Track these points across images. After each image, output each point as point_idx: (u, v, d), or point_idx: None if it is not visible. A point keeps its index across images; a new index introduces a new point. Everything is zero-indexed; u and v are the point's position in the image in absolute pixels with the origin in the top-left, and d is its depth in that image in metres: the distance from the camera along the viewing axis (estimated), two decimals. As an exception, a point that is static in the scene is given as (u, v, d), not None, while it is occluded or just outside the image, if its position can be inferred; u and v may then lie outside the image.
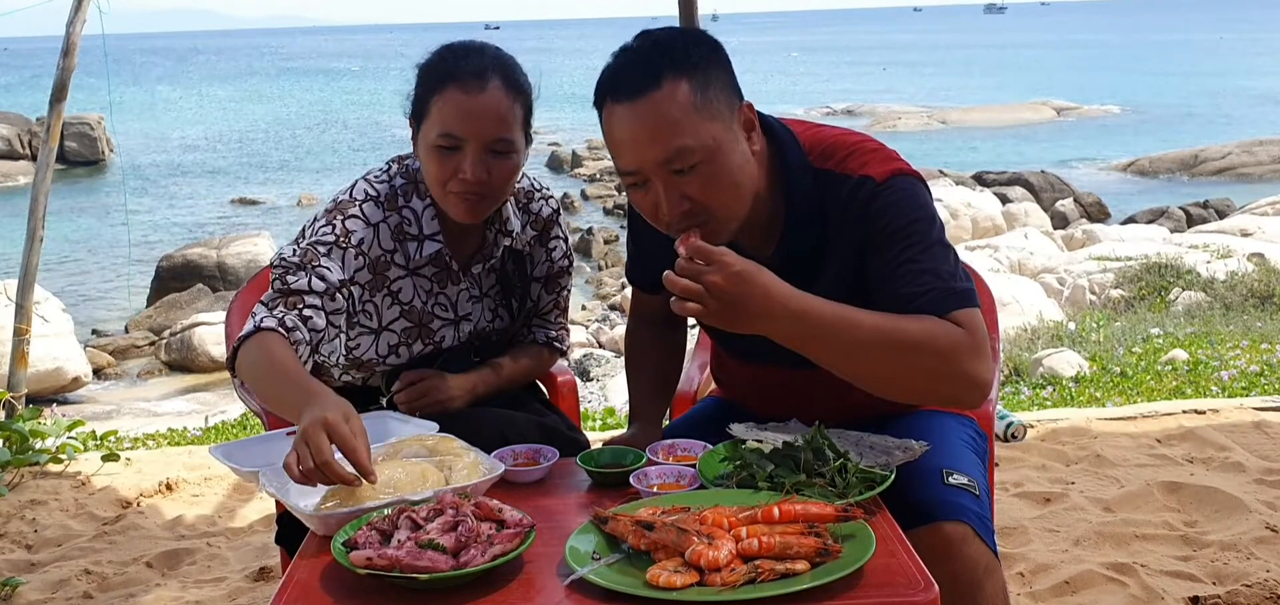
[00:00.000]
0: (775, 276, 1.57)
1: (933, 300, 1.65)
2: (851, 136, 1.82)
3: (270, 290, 1.95)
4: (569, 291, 2.33)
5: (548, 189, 2.25)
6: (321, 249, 1.96)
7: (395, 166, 2.09)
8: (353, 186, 2.05)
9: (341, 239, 1.98)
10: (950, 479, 1.69)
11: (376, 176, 2.06)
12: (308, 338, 1.91)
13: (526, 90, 2.01)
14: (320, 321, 1.92)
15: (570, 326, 2.38)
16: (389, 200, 2.04)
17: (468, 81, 1.92)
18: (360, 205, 2.02)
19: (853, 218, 1.74)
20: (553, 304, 2.30)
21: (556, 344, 2.32)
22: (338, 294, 1.96)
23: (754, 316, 1.56)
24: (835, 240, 1.77)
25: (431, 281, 2.11)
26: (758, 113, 1.79)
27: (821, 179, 1.78)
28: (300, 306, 1.91)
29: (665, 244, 1.81)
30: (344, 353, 2.06)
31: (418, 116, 1.99)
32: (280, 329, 1.87)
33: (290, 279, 1.93)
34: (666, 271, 1.56)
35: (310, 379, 1.76)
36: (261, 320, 1.88)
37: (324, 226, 1.99)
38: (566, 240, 2.28)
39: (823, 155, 1.79)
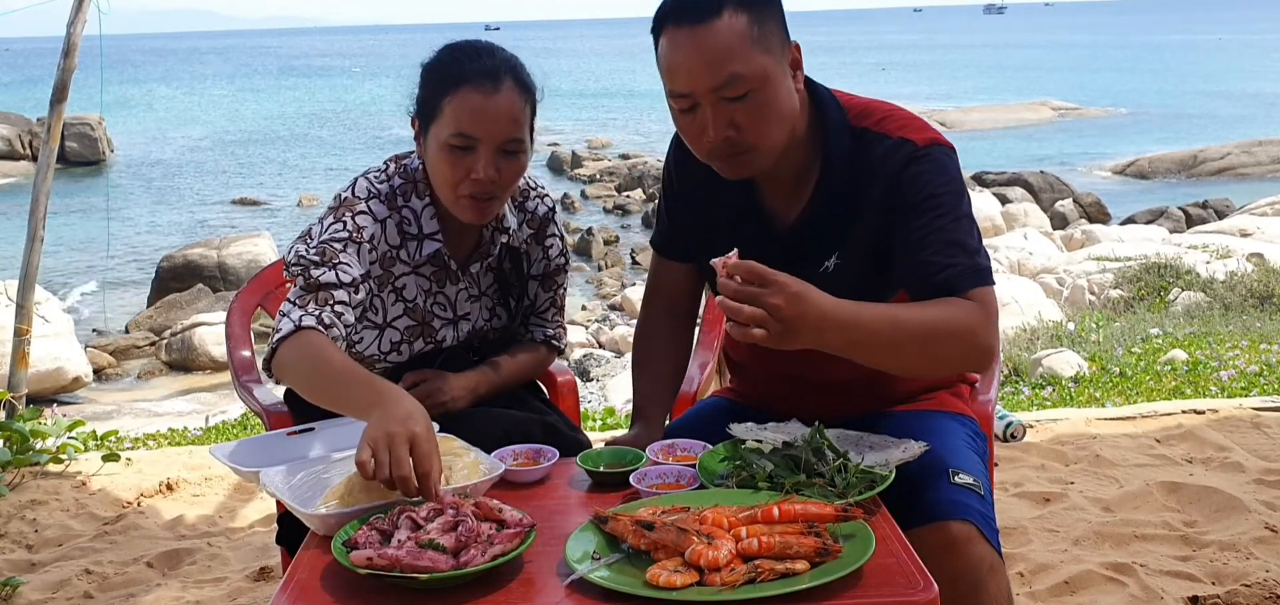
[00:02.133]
0: (823, 292, 1.58)
1: (955, 275, 1.71)
2: (887, 104, 1.89)
3: (295, 288, 1.94)
4: (565, 290, 2.33)
5: (543, 187, 2.26)
6: (338, 245, 1.96)
7: (393, 166, 2.10)
8: (354, 185, 2.05)
9: (355, 234, 1.98)
10: (957, 478, 1.70)
11: (377, 175, 2.07)
12: (342, 333, 1.91)
13: (534, 90, 2.02)
14: (350, 317, 1.93)
15: (567, 326, 2.38)
16: (391, 198, 2.05)
17: (482, 82, 1.93)
18: (367, 202, 2.02)
19: (886, 177, 1.79)
20: (549, 302, 2.30)
21: (554, 342, 2.32)
22: (361, 288, 1.97)
23: (808, 333, 1.57)
24: (865, 199, 1.81)
25: (431, 280, 2.12)
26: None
27: (857, 137, 1.83)
28: (331, 302, 1.91)
29: (700, 212, 1.94)
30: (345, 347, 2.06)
31: (426, 117, 1.99)
32: (319, 326, 1.87)
33: (315, 273, 1.92)
34: (721, 297, 1.56)
35: (378, 379, 1.74)
36: (300, 320, 1.87)
37: (334, 224, 1.98)
38: (562, 238, 2.28)
39: (860, 114, 1.85)
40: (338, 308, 1.91)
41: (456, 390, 2.07)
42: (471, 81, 1.93)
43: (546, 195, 2.25)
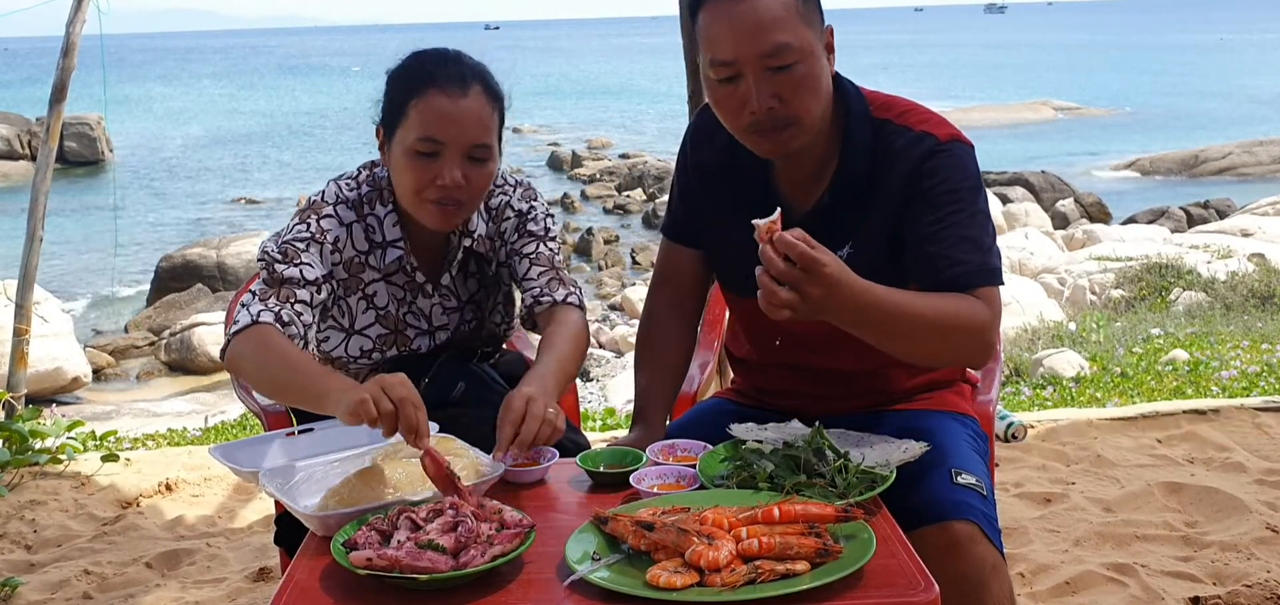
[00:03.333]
0: (852, 274, 1.58)
1: (964, 273, 1.74)
2: (909, 100, 1.90)
3: (259, 282, 1.96)
4: (556, 253, 2.16)
5: (506, 179, 2.15)
6: (300, 244, 1.97)
7: (364, 173, 2.09)
8: (324, 189, 2.06)
9: (318, 236, 1.99)
10: (959, 478, 1.71)
11: (347, 182, 2.07)
12: (301, 332, 1.92)
13: (502, 98, 2.00)
14: (309, 317, 1.94)
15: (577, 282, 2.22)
16: (358, 205, 2.05)
17: (449, 86, 1.91)
18: (334, 206, 2.03)
19: (906, 169, 1.80)
20: (541, 266, 2.11)
21: (568, 301, 2.11)
22: (323, 288, 1.97)
23: (831, 312, 1.59)
24: (883, 190, 1.82)
25: (403, 290, 2.11)
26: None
27: (878, 128, 1.84)
28: (292, 299, 1.92)
29: (714, 198, 1.97)
30: (314, 347, 2.06)
31: (391, 122, 1.96)
32: (277, 324, 1.88)
33: (278, 269, 1.94)
34: (759, 269, 1.54)
35: (337, 373, 1.77)
36: (258, 314, 1.88)
37: (299, 225, 2.00)
38: (522, 213, 2.13)
39: (882, 106, 1.87)
40: (298, 306, 1.92)
41: (555, 414, 1.77)
42: (438, 85, 1.90)
43: (506, 183, 2.14)
